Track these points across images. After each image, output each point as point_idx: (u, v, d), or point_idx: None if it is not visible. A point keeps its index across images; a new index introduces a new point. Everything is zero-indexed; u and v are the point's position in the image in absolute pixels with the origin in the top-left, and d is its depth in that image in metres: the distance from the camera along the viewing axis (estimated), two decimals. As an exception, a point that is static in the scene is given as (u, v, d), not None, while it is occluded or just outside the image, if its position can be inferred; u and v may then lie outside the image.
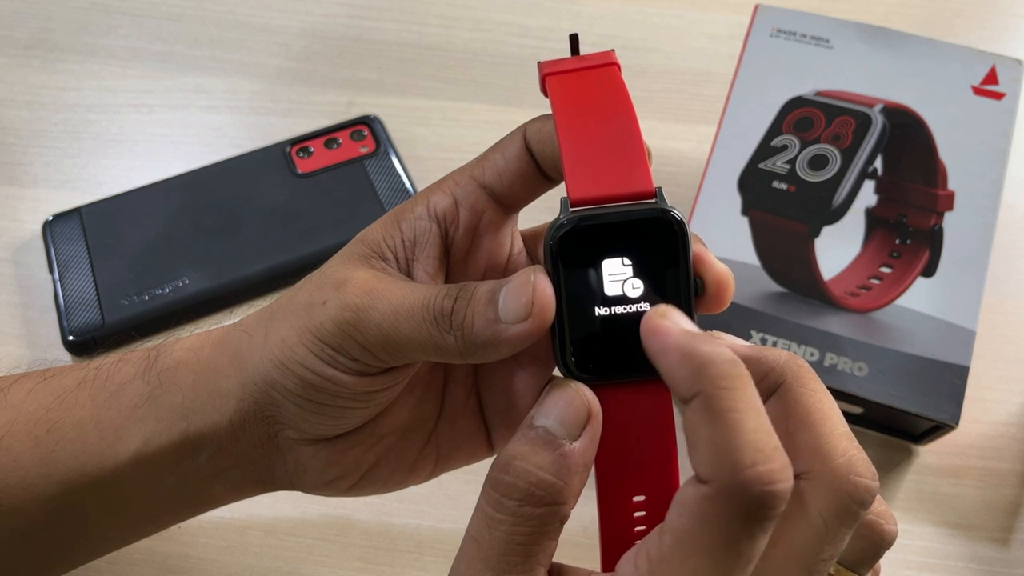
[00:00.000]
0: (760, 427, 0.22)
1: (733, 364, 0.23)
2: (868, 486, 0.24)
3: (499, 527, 0.24)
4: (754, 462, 0.22)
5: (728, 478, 0.22)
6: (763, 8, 0.53)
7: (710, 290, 0.26)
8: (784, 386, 0.26)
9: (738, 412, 0.22)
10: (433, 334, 0.27)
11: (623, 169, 0.26)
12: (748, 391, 0.23)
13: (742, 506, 0.22)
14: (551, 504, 0.24)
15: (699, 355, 0.23)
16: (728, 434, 0.22)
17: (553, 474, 0.24)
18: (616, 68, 0.28)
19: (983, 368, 0.48)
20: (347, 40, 0.63)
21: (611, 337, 0.26)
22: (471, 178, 0.30)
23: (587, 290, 0.26)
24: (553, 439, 0.25)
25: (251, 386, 0.30)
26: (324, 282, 0.29)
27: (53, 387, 0.32)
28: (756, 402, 0.23)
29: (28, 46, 0.62)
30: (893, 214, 0.47)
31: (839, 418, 0.25)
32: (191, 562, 0.43)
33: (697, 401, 0.23)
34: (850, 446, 0.25)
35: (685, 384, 0.23)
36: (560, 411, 0.25)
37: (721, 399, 0.22)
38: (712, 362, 0.23)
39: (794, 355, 0.26)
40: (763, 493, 0.22)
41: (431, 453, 0.34)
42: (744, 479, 0.22)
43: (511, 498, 0.24)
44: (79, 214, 0.53)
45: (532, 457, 0.25)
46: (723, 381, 0.23)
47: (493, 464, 0.25)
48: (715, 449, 0.22)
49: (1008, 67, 0.50)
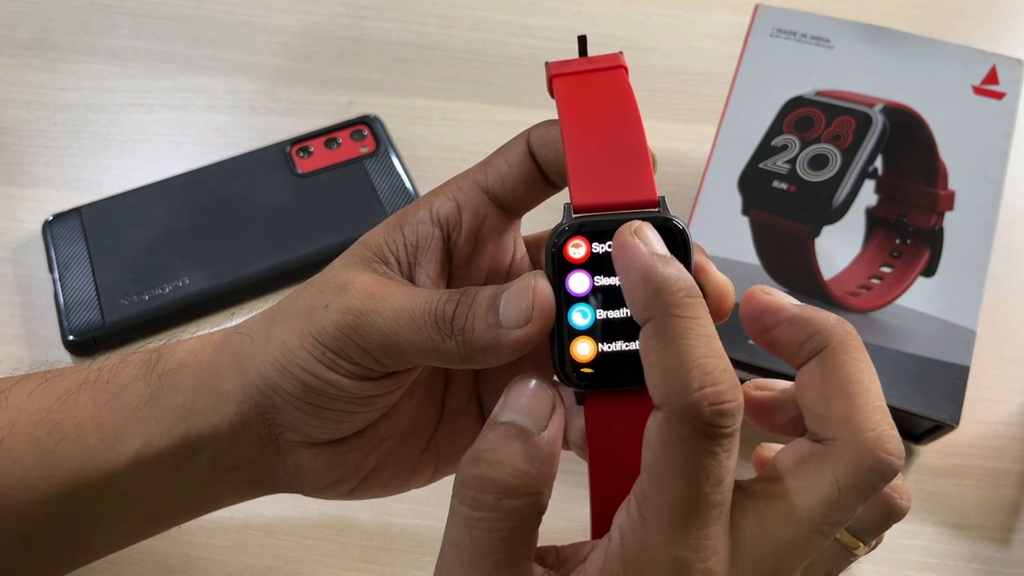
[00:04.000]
0: (710, 351, 0.23)
1: (688, 291, 0.23)
2: (892, 463, 0.24)
3: (479, 526, 0.24)
4: (701, 384, 0.22)
5: (679, 400, 0.22)
6: (763, 8, 0.53)
7: (710, 301, 0.26)
8: (827, 350, 0.26)
9: (688, 339, 0.23)
10: (434, 338, 0.27)
11: (627, 177, 0.26)
12: (701, 320, 0.23)
13: (695, 426, 0.22)
14: (529, 494, 0.24)
15: (657, 278, 0.23)
16: (676, 359, 0.23)
17: (527, 463, 0.24)
18: (624, 71, 0.28)
19: (983, 368, 0.48)
20: (347, 40, 0.63)
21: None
22: (474, 183, 0.30)
23: None
24: (522, 430, 0.25)
25: (252, 388, 0.30)
26: (326, 286, 0.29)
27: (54, 388, 0.32)
28: (708, 329, 0.23)
29: (28, 46, 0.62)
30: (893, 214, 0.47)
31: (877, 391, 0.25)
32: (191, 562, 0.43)
33: (650, 325, 0.23)
34: (882, 421, 0.25)
35: (640, 307, 0.24)
36: (525, 404, 0.25)
37: (672, 325, 0.23)
38: (667, 288, 0.23)
39: (843, 320, 0.26)
40: (712, 412, 0.22)
41: (431, 457, 0.34)
42: (692, 401, 0.22)
43: (489, 492, 0.24)
44: (79, 214, 0.53)
45: (504, 449, 0.24)
46: (676, 308, 0.23)
47: (461, 462, 0.25)
48: (666, 373, 0.23)
49: (1008, 67, 0.50)
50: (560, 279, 0.26)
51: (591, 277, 0.26)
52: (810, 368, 0.26)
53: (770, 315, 0.27)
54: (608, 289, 0.26)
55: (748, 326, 0.27)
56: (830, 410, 0.25)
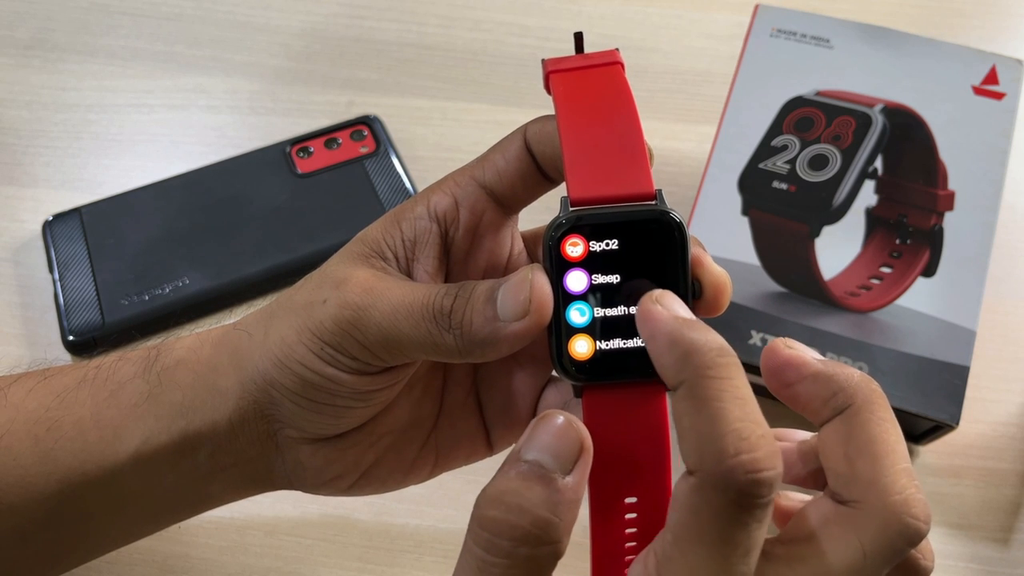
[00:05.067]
0: (745, 415, 0.22)
1: (720, 352, 0.23)
2: (919, 529, 0.24)
3: (492, 571, 0.23)
4: (738, 451, 0.21)
5: (712, 467, 0.22)
6: (763, 8, 0.53)
7: (707, 293, 0.26)
8: (852, 409, 0.25)
9: (722, 401, 0.22)
10: (432, 333, 0.27)
11: (624, 170, 0.26)
12: (735, 380, 0.22)
13: (729, 495, 0.21)
14: (548, 543, 0.23)
15: (687, 342, 0.23)
16: (712, 423, 0.22)
17: (548, 510, 0.23)
18: (620, 67, 0.28)
19: (983, 368, 0.48)
20: (347, 40, 0.63)
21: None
22: (471, 178, 0.30)
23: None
24: (546, 473, 0.24)
25: (250, 385, 0.30)
26: (324, 281, 0.29)
27: (53, 386, 0.32)
28: (743, 391, 0.22)
29: (28, 46, 0.62)
30: (893, 214, 0.47)
31: (903, 453, 0.25)
32: (191, 562, 0.43)
33: (683, 389, 0.23)
34: (909, 484, 0.24)
35: (672, 371, 0.23)
36: (552, 444, 0.24)
37: (706, 387, 0.22)
38: (699, 350, 0.23)
39: (868, 378, 0.25)
40: (748, 481, 0.21)
41: (430, 453, 0.34)
42: (728, 468, 0.21)
43: (505, 538, 0.23)
44: (79, 214, 0.53)
45: (525, 492, 0.23)
46: (709, 370, 0.22)
47: (479, 500, 0.24)
48: (700, 438, 0.22)
49: (1008, 67, 0.50)
50: (558, 272, 0.26)
51: (588, 271, 0.26)
52: (834, 427, 0.25)
53: (792, 370, 0.26)
54: (606, 282, 0.26)
55: (769, 380, 0.27)
56: (855, 472, 0.24)
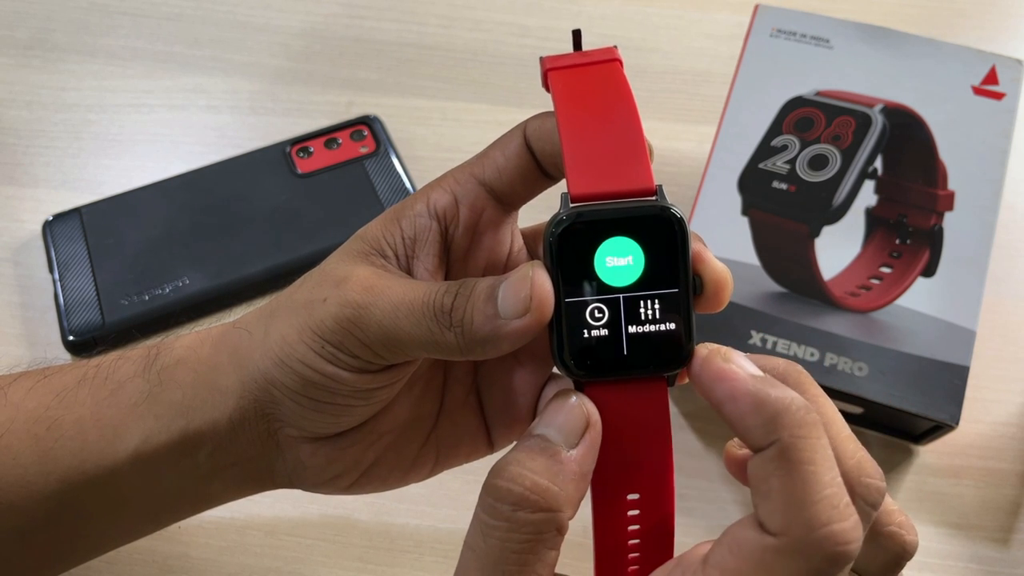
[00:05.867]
0: (834, 480, 0.22)
1: (807, 411, 0.23)
2: (845, 552, 0.23)
3: (494, 534, 0.24)
4: (829, 520, 0.22)
5: (801, 534, 0.22)
6: (763, 8, 0.53)
7: (708, 289, 0.26)
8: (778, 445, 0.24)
9: (815, 464, 0.22)
10: (433, 330, 0.27)
11: (624, 166, 0.26)
12: (823, 440, 0.23)
13: (812, 563, 0.22)
14: (546, 510, 0.24)
15: (774, 402, 0.23)
16: (804, 488, 0.22)
17: (548, 479, 0.24)
18: (618, 64, 0.28)
19: (983, 368, 0.48)
20: (347, 40, 0.63)
21: None
22: (471, 175, 0.30)
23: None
24: (549, 445, 0.25)
25: (251, 384, 0.30)
26: (324, 279, 0.29)
27: (53, 385, 0.32)
28: (830, 452, 0.23)
29: (28, 46, 0.62)
30: (893, 214, 0.47)
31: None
32: (191, 562, 0.43)
33: (773, 450, 0.23)
34: (857, 449, 0.25)
35: (759, 432, 0.23)
36: (558, 419, 0.26)
37: (799, 450, 0.22)
38: (787, 409, 0.23)
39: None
40: (836, 554, 0.21)
41: (431, 451, 0.34)
42: (818, 537, 0.21)
43: (505, 502, 0.24)
44: (79, 214, 0.53)
45: (527, 462, 0.25)
46: (800, 429, 0.22)
47: (490, 471, 0.25)
48: (790, 502, 0.22)
49: (1008, 67, 0.50)
50: (558, 269, 0.26)
51: (589, 268, 0.26)
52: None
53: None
54: (607, 278, 0.26)
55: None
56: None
